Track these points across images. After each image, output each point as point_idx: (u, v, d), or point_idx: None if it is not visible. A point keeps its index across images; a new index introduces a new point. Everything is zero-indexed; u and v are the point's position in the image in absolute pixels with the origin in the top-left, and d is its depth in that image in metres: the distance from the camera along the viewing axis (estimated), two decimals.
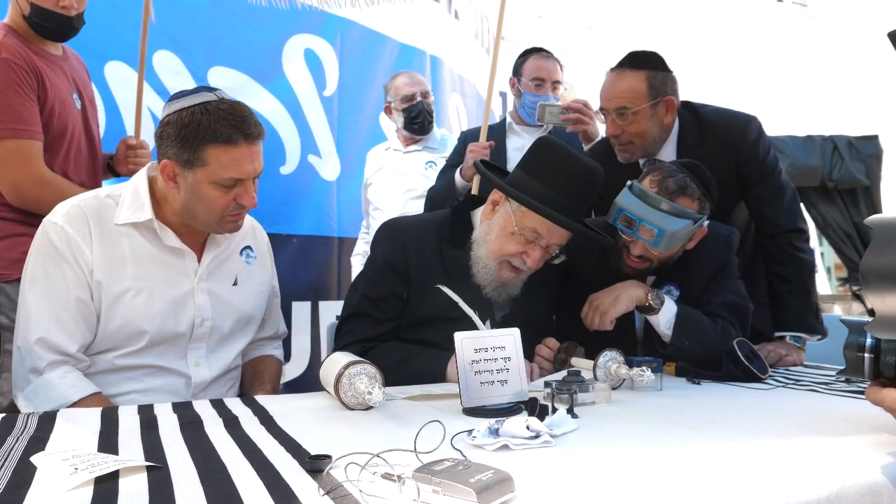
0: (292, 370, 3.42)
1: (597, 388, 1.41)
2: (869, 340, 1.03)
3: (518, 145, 2.87)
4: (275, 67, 3.51)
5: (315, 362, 3.34)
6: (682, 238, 1.85)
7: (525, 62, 2.98)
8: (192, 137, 1.52)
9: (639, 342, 2.03)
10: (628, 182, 1.91)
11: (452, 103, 4.49)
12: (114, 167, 2.46)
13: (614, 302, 1.87)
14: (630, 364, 1.58)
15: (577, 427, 1.15)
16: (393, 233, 1.85)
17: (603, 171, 1.77)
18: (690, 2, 8.21)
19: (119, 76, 3.04)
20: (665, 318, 1.89)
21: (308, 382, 3.26)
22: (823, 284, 7.42)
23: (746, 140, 2.23)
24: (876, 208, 5.84)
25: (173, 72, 3.20)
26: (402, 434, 1.11)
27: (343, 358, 1.39)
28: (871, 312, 0.95)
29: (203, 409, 1.31)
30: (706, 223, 1.87)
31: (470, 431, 1.08)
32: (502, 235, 1.74)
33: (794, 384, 1.70)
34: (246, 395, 1.82)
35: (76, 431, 1.13)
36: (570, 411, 1.25)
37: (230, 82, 3.29)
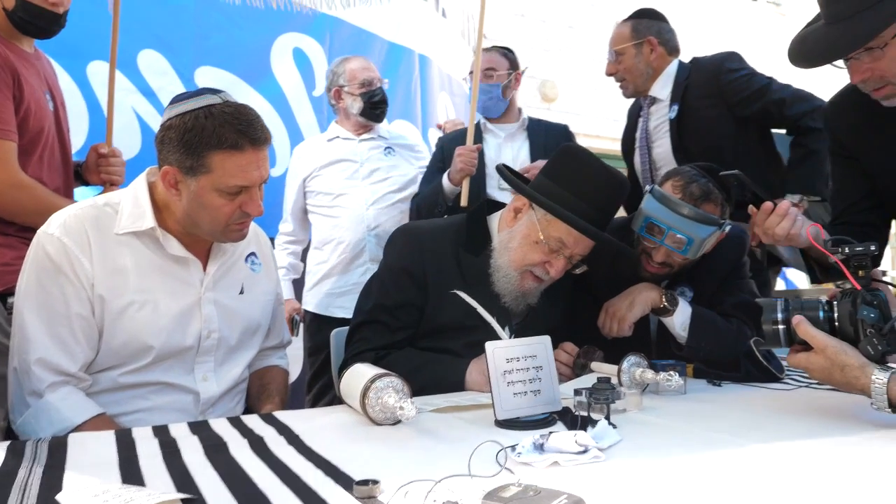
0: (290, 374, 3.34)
1: (627, 395, 1.37)
2: (780, 314, 1.27)
3: (494, 145, 2.80)
4: (263, 67, 3.42)
5: (307, 368, 3.25)
6: (708, 245, 1.82)
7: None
8: (195, 143, 1.45)
9: (653, 344, 2.00)
10: (647, 187, 1.88)
11: (441, 102, 4.43)
12: (83, 175, 2.33)
13: (630, 306, 1.83)
14: (654, 368, 1.55)
15: (620, 438, 1.11)
16: (409, 238, 1.79)
17: (627, 180, 1.75)
18: (667, 1, 8.26)
19: (102, 76, 2.92)
20: (680, 319, 1.85)
21: (303, 389, 3.19)
22: (801, 278, 7.49)
23: (723, 68, 2.59)
24: None
25: (159, 72, 3.10)
26: (442, 451, 1.06)
27: (367, 371, 1.34)
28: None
29: (222, 428, 1.25)
30: (728, 228, 1.85)
31: (514, 447, 1.03)
32: (525, 244, 1.69)
33: (816, 384, 1.67)
34: (252, 409, 1.75)
35: (93, 460, 1.06)
36: (607, 419, 1.21)
37: (218, 82, 3.20)
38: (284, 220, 3.07)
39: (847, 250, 1.18)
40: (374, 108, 2.94)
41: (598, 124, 7.11)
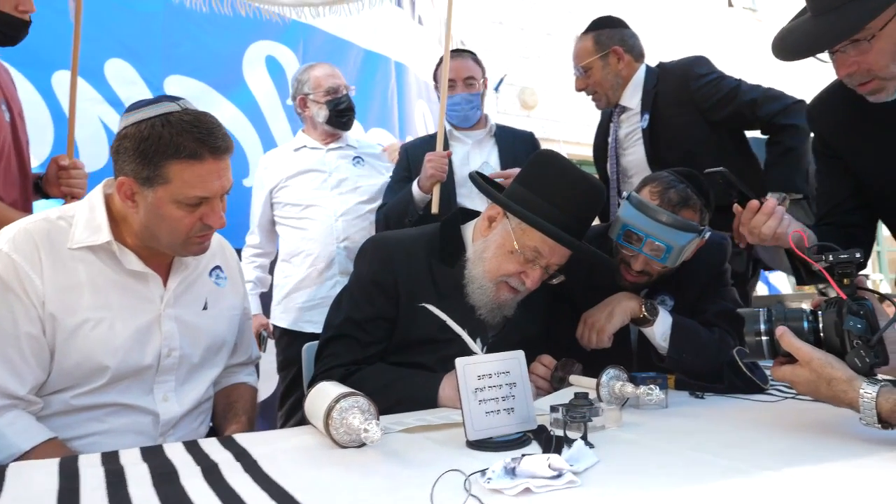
0: (263, 390, 3.26)
1: (606, 411, 1.31)
2: (763, 325, 1.20)
3: (462, 152, 2.74)
4: (235, 75, 3.36)
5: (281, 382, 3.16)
6: (688, 252, 1.77)
7: (438, 68, 2.86)
8: (151, 152, 1.38)
9: (634, 355, 1.95)
10: (625, 194, 1.83)
11: (419, 110, 4.38)
12: (43, 188, 2.24)
13: (609, 317, 1.77)
14: (635, 381, 1.49)
15: (598, 460, 1.04)
16: (379, 249, 1.73)
17: (604, 188, 1.69)
18: (645, 8, 8.29)
19: (68, 86, 2.84)
20: (660, 329, 1.80)
21: (276, 405, 3.10)
22: (784, 283, 7.54)
23: (692, 74, 2.56)
24: None
25: (127, 81, 3.03)
26: (407, 477, 1.00)
27: (332, 389, 1.27)
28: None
29: (176, 454, 1.17)
30: (707, 234, 1.80)
31: (483, 472, 0.96)
32: (500, 254, 1.63)
33: (801, 395, 1.63)
34: (218, 429, 1.68)
35: (30, 492, 0.98)
36: (585, 439, 1.15)
37: (188, 91, 3.14)
38: (251, 233, 2.98)
39: (831, 258, 1.13)
40: (340, 115, 2.86)
41: (579, 131, 7.09)
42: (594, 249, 1.66)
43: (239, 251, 3.21)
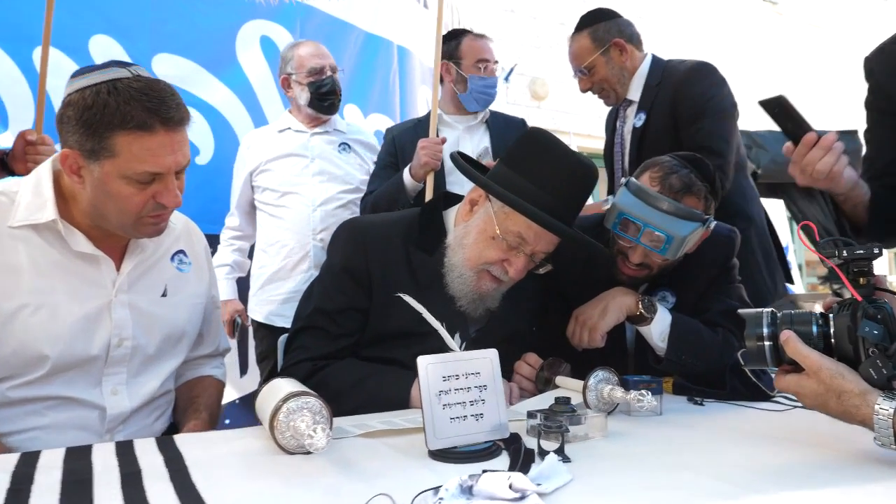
0: (249, 384, 3.15)
1: (590, 419, 1.17)
2: (766, 329, 1.05)
3: (452, 137, 2.59)
4: (227, 55, 3.23)
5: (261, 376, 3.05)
6: (690, 243, 1.63)
7: (460, 44, 2.65)
8: (96, 122, 1.25)
9: (630, 356, 1.81)
10: (623, 180, 1.69)
11: (422, 96, 4.23)
12: (9, 164, 2.13)
13: (603, 313, 1.64)
14: (626, 385, 1.36)
15: (571, 478, 0.91)
16: (352, 235, 1.60)
17: (597, 168, 1.54)
18: (663, 3, 8.09)
19: (50, 63, 2.73)
20: (658, 328, 1.66)
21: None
22: (797, 284, 7.32)
23: (690, 79, 2.38)
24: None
25: (112, 58, 2.90)
26: (351, 492, 0.87)
27: (284, 387, 1.14)
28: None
29: (102, 456, 1.05)
30: (713, 225, 1.65)
31: (436, 490, 0.83)
32: (481, 240, 1.50)
33: None
34: (178, 425, 1.56)
35: None
36: (560, 452, 1.01)
37: (177, 70, 3.02)
38: (231, 214, 2.85)
39: (845, 253, 0.98)
40: (322, 98, 2.70)
41: (591, 123, 6.90)
42: (584, 236, 1.52)
43: (212, 236, 3.10)
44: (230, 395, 2.94)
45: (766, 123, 2.51)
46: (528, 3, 7.34)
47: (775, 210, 5.75)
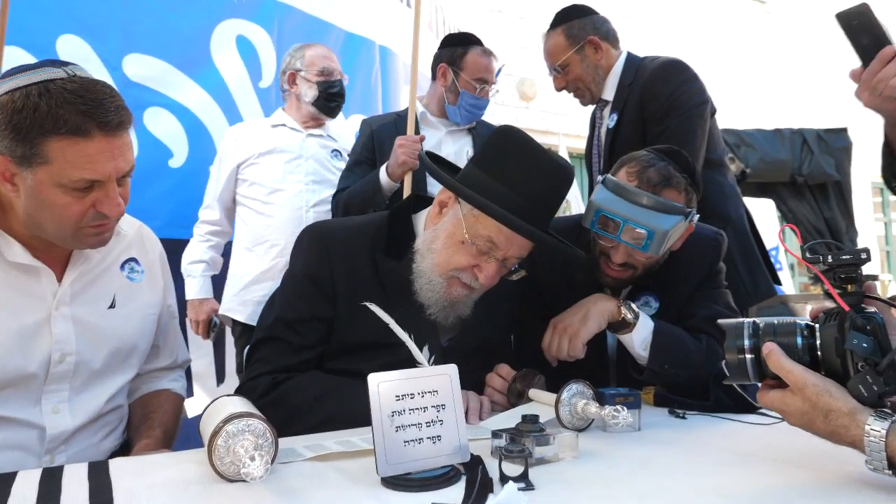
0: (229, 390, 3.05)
1: (559, 438, 1.09)
2: (747, 341, 0.97)
3: (434, 140, 2.51)
4: (202, 55, 3.13)
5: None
6: (674, 238, 1.55)
7: (466, 55, 2.52)
8: (26, 127, 1.16)
9: (611, 364, 1.72)
10: (599, 178, 1.61)
11: (405, 97, 4.14)
12: None
13: (584, 320, 1.55)
14: (601, 399, 1.27)
15: None
16: (315, 240, 1.51)
17: (572, 168, 1.45)
18: (651, 1, 8.04)
19: (15, 63, 2.64)
20: (640, 336, 1.58)
21: None
22: (787, 283, 7.27)
23: (658, 77, 2.30)
24: (847, 203, 5.65)
25: (81, 59, 2.80)
26: None
27: (227, 406, 1.05)
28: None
29: (24, 485, 0.96)
30: (696, 218, 1.58)
31: None
32: (450, 245, 1.41)
33: None
34: (131, 443, 1.47)
35: None
36: (523, 479, 0.93)
37: (149, 71, 2.93)
38: (207, 207, 2.74)
39: (830, 259, 0.89)
40: (330, 100, 2.67)
41: (579, 124, 6.84)
42: (558, 240, 1.44)
43: (171, 241, 2.99)
44: (203, 407, 2.85)
45: (754, 122, 2.43)
46: (516, 3, 7.28)
47: (764, 210, 5.70)
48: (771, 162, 5.41)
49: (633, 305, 1.60)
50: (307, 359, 1.48)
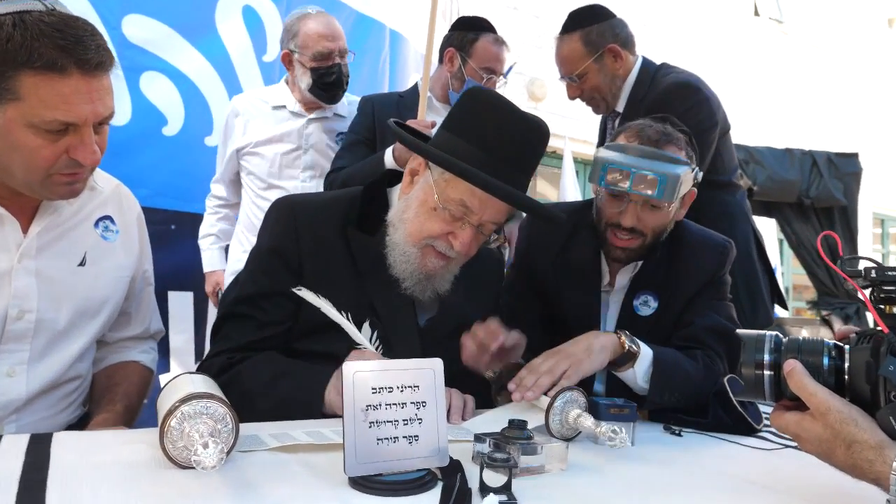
0: None
1: (547, 449, 1.00)
2: (768, 355, 0.88)
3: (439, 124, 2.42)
4: (206, 22, 3.02)
5: None
6: (684, 187, 1.52)
7: (476, 42, 2.41)
8: None
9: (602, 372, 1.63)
10: (599, 146, 1.58)
11: (413, 83, 4.05)
12: None
13: (588, 352, 1.37)
14: (596, 411, 1.18)
15: None
16: (282, 214, 1.41)
17: (547, 126, 1.36)
18: (667, 13, 7.96)
19: None
20: (642, 368, 1.44)
21: None
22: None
23: (665, 101, 2.13)
24: (852, 230, 5.57)
25: (78, 14, 2.70)
26: None
27: (187, 385, 0.96)
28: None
29: None
30: (700, 175, 1.58)
31: None
32: (422, 212, 1.32)
33: None
34: (91, 416, 1.37)
35: None
36: (506, 490, 0.84)
37: (149, 33, 2.83)
38: (217, 181, 2.68)
39: (874, 274, 0.80)
40: (324, 88, 2.46)
41: (587, 129, 6.75)
42: (534, 200, 1.37)
43: (193, 215, 2.90)
44: None
45: (765, 139, 2.34)
46: (532, 1, 7.18)
47: (765, 229, 5.62)
48: (779, 181, 5.32)
49: (633, 338, 1.47)
50: (270, 335, 1.38)
